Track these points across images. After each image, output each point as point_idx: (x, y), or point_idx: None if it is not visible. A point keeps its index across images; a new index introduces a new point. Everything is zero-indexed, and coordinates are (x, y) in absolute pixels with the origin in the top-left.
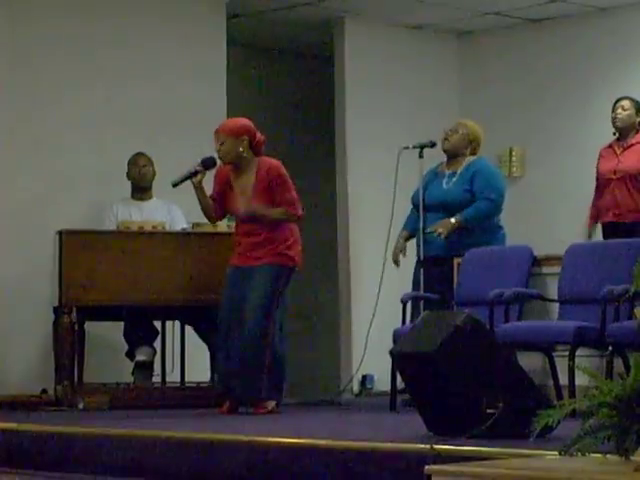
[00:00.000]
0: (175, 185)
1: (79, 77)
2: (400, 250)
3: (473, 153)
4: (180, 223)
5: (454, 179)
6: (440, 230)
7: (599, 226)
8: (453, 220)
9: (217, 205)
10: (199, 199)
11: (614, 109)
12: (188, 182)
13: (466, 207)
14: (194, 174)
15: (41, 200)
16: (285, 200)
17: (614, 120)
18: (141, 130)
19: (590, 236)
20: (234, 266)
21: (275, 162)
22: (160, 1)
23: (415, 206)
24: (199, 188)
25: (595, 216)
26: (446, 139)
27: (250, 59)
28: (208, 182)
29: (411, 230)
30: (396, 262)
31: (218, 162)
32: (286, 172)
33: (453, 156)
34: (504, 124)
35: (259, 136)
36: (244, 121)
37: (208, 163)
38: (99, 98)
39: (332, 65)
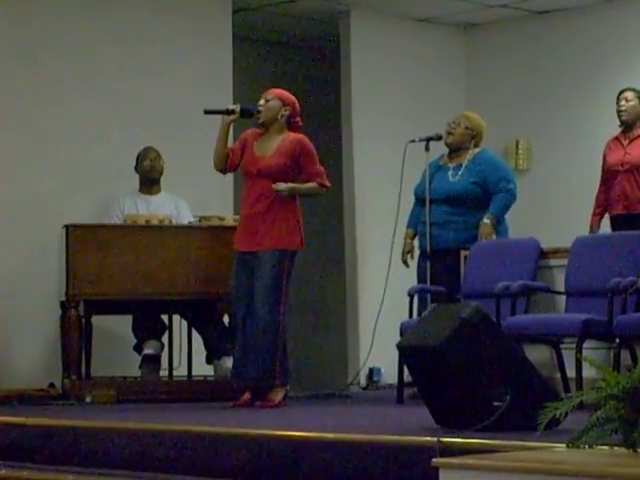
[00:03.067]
0: (207, 112)
1: (84, 72)
2: (408, 251)
3: (476, 145)
4: (187, 217)
5: (460, 172)
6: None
7: (604, 220)
8: (488, 221)
9: (233, 158)
10: (218, 140)
11: (618, 101)
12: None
13: (472, 199)
14: (229, 112)
15: (48, 195)
16: (315, 173)
17: (619, 113)
18: (147, 125)
19: (592, 231)
20: (239, 252)
21: (302, 136)
22: None
23: (418, 199)
24: (225, 128)
25: (601, 212)
26: (450, 133)
27: (256, 53)
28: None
29: (415, 227)
30: (405, 263)
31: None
32: (312, 145)
33: (456, 150)
34: (510, 117)
35: (299, 120)
36: (294, 99)
37: (246, 110)
38: (104, 93)
39: (338, 58)
